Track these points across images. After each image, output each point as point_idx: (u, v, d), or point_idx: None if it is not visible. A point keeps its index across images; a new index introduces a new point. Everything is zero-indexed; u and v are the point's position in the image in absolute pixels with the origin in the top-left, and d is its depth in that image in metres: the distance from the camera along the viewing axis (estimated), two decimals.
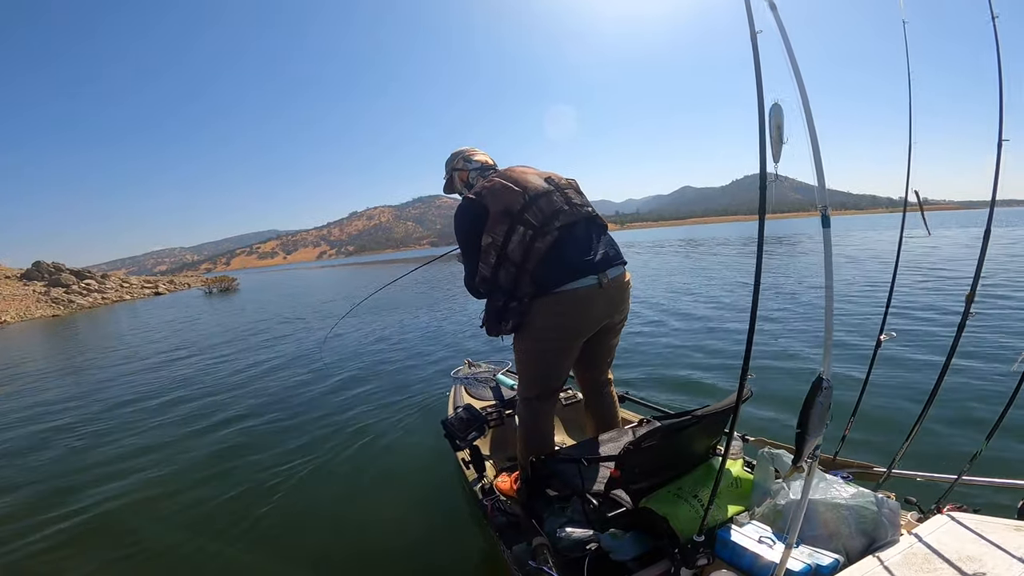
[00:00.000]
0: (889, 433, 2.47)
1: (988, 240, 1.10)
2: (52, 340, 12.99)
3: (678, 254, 20.97)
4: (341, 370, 5.69)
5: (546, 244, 1.59)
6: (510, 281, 1.63)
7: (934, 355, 3.73)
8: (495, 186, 1.69)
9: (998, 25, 0.98)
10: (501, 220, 1.61)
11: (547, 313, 1.62)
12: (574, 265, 1.60)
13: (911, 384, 3.19)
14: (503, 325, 1.69)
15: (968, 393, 2.96)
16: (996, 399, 2.80)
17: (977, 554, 1.04)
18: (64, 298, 24.56)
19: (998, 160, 1.02)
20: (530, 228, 1.59)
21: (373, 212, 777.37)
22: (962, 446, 2.30)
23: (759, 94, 0.80)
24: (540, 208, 1.63)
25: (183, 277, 44.73)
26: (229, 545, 2.40)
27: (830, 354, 0.81)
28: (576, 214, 1.69)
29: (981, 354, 3.61)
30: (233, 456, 3.44)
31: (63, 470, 3.47)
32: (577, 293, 1.60)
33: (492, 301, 1.70)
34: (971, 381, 3.13)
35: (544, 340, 1.68)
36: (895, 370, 3.44)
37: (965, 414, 2.68)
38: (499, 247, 1.62)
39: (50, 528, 2.65)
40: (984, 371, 3.28)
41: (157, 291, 31.41)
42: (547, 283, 1.59)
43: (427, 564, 2.11)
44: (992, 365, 3.37)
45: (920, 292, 6.31)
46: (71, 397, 5.64)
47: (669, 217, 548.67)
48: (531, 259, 1.59)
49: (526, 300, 1.62)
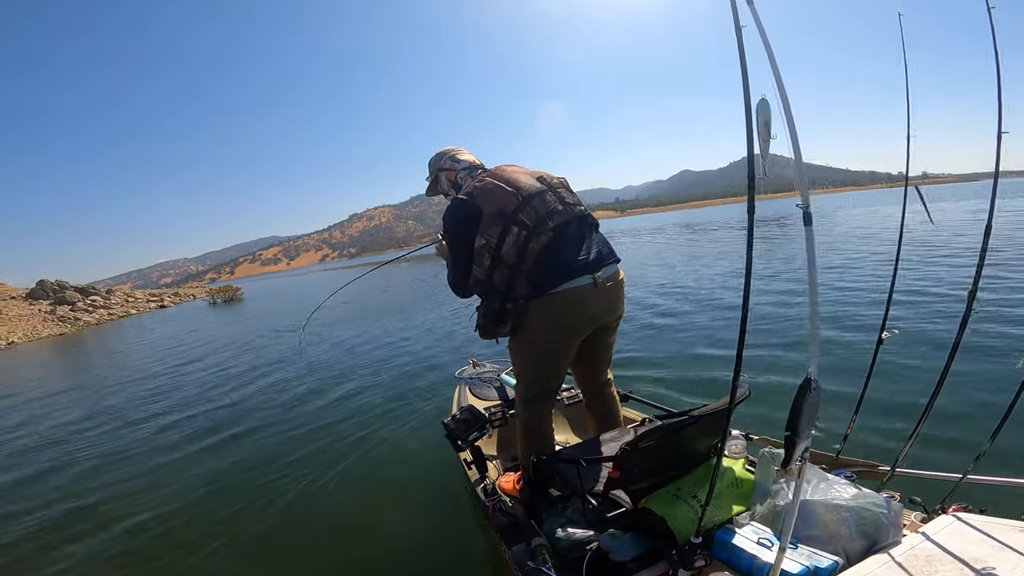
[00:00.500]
0: (893, 432, 2.43)
1: (988, 237, 1.07)
2: (58, 360, 12.87)
3: (673, 242, 20.52)
4: (343, 372, 5.74)
5: (540, 244, 1.58)
6: (505, 283, 1.62)
7: (937, 351, 3.65)
8: (487, 186, 1.68)
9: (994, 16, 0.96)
10: (495, 222, 1.61)
11: (544, 315, 1.62)
12: (569, 265, 1.60)
13: (914, 381, 3.12)
14: (501, 328, 1.69)
15: (973, 390, 2.89)
16: (1002, 396, 2.73)
17: (982, 555, 1.02)
18: (70, 316, 24.17)
19: (998, 156, 0.99)
20: (524, 229, 1.58)
21: (373, 213, 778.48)
22: (967, 444, 2.25)
23: (745, 90, 0.79)
24: (534, 208, 1.62)
25: (188, 288, 44.02)
26: (229, 547, 2.45)
27: (817, 354, 0.80)
28: (569, 213, 1.68)
29: (986, 350, 3.52)
30: (236, 461, 3.50)
31: (74, 488, 3.50)
32: (574, 293, 1.59)
33: (488, 304, 1.69)
34: (976, 378, 3.05)
35: (541, 341, 1.68)
36: (898, 367, 3.37)
37: (970, 412, 2.62)
38: (493, 249, 1.61)
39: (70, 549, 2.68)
40: (989, 367, 3.20)
41: (162, 304, 31.07)
42: (542, 283, 1.59)
43: (428, 564, 2.13)
44: (997, 360, 3.29)
45: (922, 283, 6.16)
46: (76, 420, 5.55)
47: (668, 202, 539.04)
48: (526, 260, 1.58)
49: (522, 301, 1.61)
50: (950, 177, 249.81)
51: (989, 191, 1.12)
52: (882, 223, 16.55)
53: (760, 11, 0.82)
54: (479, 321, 1.76)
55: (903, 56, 1.12)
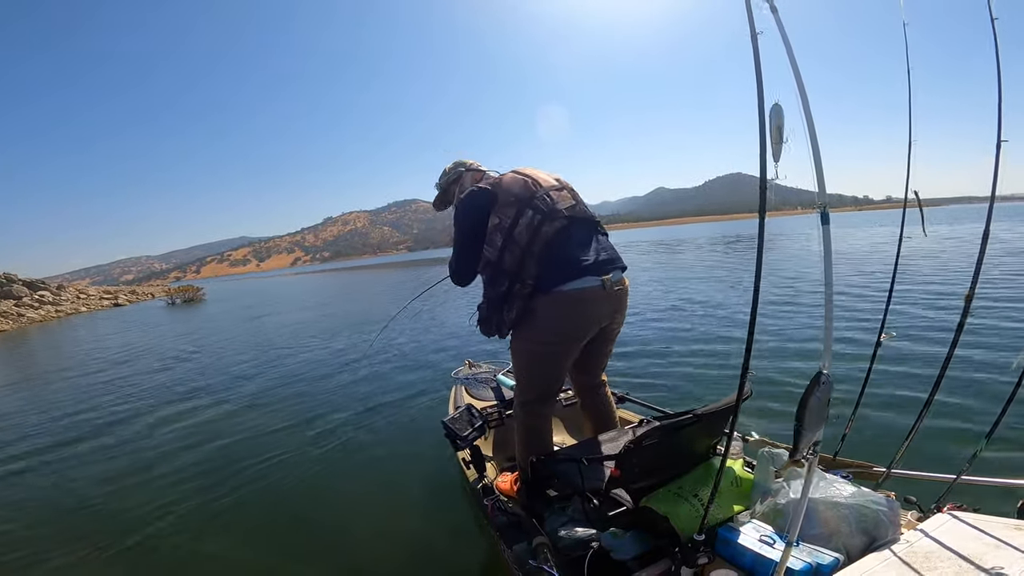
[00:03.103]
0: (889, 432, 2.47)
1: (987, 241, 1.11)
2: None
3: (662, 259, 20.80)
4: (342, 372, 5.69)
5: (553, 229, 1.61)
6: (516, 264, 1.63)
7: (934, 353, 3.74)
8: (506, 177, 1.74)
9: (997, 27, 0.99)
10: (511, 204, 1.65)
11: (550, 312, 1.63)
12: (577, 263, 1.62)
13: (911, 383, 3.19)
14: (505, 314, 1.68)
15: (968, 392, 2.96)
16: (996, 398, 2.80)
17: (978, 553, 1.04)
18: (13, 312, 22.71)
19: (997, 160, 1.03)
20: (539, 213, 1.62)
21: (348, 217, 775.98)
22: (962, 445, 2.30)
23: (759, 95, 0.81)
24: (550, 198, 1.67)
25: (146, 287, 42.64)
26: (229, 549, 2.41)
27: (830, 349, 0.82)
28: (582, 212, 1.73)
29: (981, 353, 3.62)
30: (230, 462, 3.44)
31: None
32: (582, 294, 1.61)
33: (495, 288, 1.69)
34: (971, 380, 3.13)
35: (545, 341, 1.69)
36: (895, 369, 3.45)
37: (965, 413, 2.69)
38: (506, 229, 1.63)
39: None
40: (984, 370, 3.29)
41: (117, 302, 29.94)
42: (551, 270, 1.60)
43: (428, 564, 2.11)
44: (992, 363, 3.38)
45: (920, 291, 6.30)
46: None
47: (646, 218, 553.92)
48: (537, 242, 1.61)
49: (530, 282, 1.61)
50: (942, 200, 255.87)
51: (980, 214, 1.15)
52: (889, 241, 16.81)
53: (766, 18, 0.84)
54: (481, 314, 1.77)
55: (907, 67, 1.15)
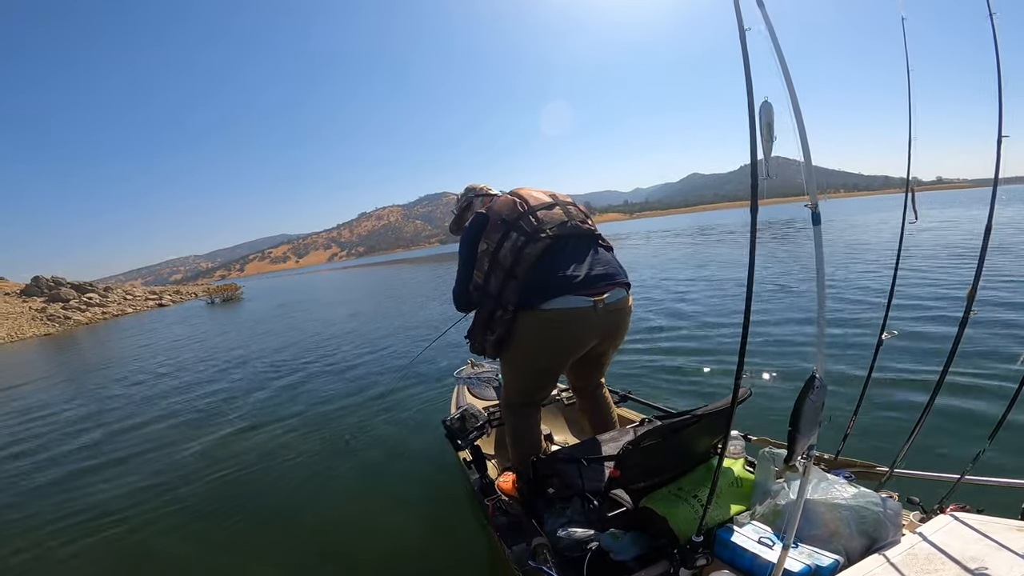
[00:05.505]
0: (892, 432, 2.44)
1: (988, 237, 1.09)
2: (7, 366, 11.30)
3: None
4: (342, 372, 5.72)
5: (536, 250, 1.57)
6: (498, 288, 1.62)
7: (936, 352, 3.69)
8: (499, 200, 1.75)
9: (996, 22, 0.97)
10: (498, 227, 1.64)
11: (531, 331, 1.60)
12: (566, 278, 1.56)
13: (913, 383, 3.15)
14: (488, 336, 1.69)
15: (971, 392, 2.92)
16: (999, 397, 2.76)
17: (980, 554, 1.03)
18: (60, 315, 23.01)
19: (998, 158, 1.01)
20: (522, 234, 1.60)
21: (382, 212, 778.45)
22: (965, 445, 2.27)
23: (748, 92, 0.80)
24: (536, 217, 1.64)
25: (191, 287, 43.26)
26: (230, 549, 2.43)
27: (823, 352, 0.81)
28: (574, 227, 1.66)
29: (984, 351, 3.56)
30: (230, 461, 3.47)
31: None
32: (565, 315, 1.55)
33: (482, 310, 1.71)
34: (974, 379, 3.08)
35: (526, 360, 1.69)
36: (897, 369, 3.40)
37: (968, 413, 2.65)
38: (492, 253, 1.63)
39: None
40: (987, 369, 3.24)
41: (161, 302, 30.30)
42: (533, 294, 1.56)
43: (428, 564, 2.13)
44: (995, 363, 3.33)
45: (922, 286, 6.21)
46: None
47: (679, 205, 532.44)
48: (521, 264, 1.58)
49: (511, 309, 1.59)
50: (963, 183, 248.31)
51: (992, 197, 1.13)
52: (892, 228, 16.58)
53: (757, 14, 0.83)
54: (470, 331, 1.79)
55: (906, 61, 1.13)
